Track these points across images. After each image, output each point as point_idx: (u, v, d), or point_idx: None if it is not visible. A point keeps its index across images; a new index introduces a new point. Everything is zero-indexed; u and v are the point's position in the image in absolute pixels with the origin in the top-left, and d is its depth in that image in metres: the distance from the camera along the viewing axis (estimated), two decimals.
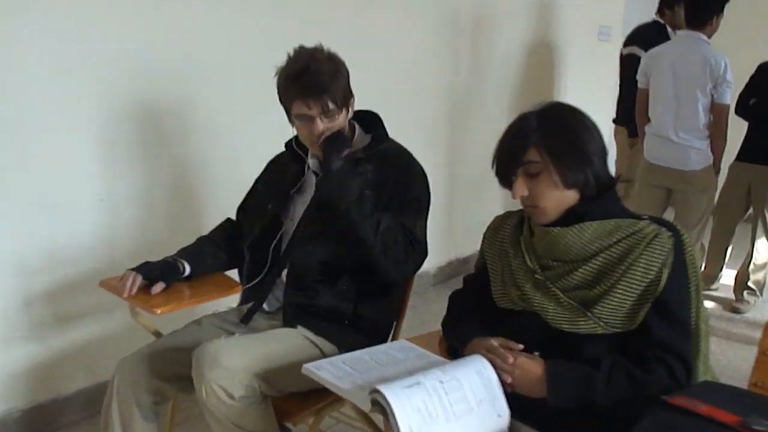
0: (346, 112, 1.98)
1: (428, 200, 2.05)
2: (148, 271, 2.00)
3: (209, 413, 1.76)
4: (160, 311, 1.90)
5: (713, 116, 3.60)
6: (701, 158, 3.68)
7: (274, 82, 2.01)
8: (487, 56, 4.44)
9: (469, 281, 1.95)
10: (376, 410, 1.42)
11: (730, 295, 4.38)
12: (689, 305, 1.61)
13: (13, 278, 2.52)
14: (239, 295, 2.16)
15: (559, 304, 1.63)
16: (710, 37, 3.67)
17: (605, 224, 1.63)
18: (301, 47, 1.98)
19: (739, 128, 4.02)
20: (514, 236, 1.79)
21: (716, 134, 3.65)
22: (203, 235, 2.23)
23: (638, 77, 3.83)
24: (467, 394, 1.50)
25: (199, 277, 2.09)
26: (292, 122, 2.02)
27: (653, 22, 4.44)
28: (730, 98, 3.52)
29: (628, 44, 4.54)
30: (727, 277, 4.46)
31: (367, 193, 1.92)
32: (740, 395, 1.46)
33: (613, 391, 1.53)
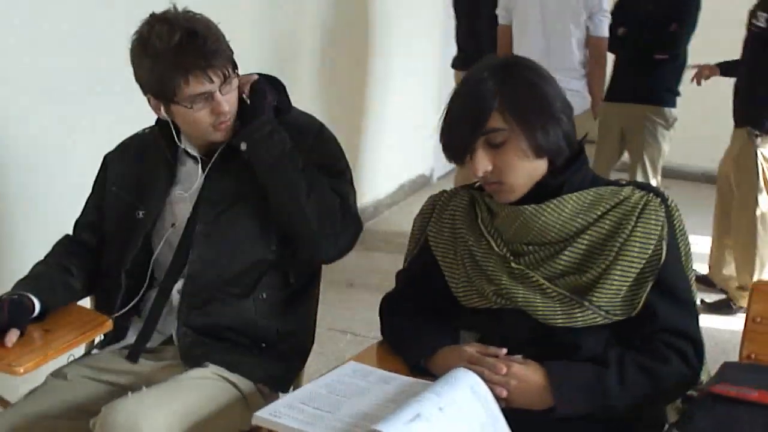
0: (236, 73, 1.80)
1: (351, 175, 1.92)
2: None
3: None
4: (23, 370, 1.59)
5: (590, 52, 3.66)
6: (578, 101, 3.68)
7: (125, 66, 1.77)
8: None
9: (406, 278, 1.82)
10: None
11: None
12: (688, 278, 1.57)
13: None
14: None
15: (546, 296, 1.53)
16: None
17: (584, 196, 1.56)
18: (156, 14, 1.75)
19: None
20: (468, 219, 1.65)
21: (594, 72, 3.69)
22: (41, 260, 1.92)
23: (498, 11, 3.80)
24: (470, 419, 1.39)
25: (50, 313, 1.78)
26: (168, 113, 1.79)
27: None
28: (607, 30, 3.54)
29: None
30: None
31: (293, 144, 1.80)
32: None
33: (628, 389, 1.49)
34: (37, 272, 1.85)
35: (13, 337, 1.64)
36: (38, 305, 1.73)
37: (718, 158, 4.11)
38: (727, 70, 4.08)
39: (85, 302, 1.94)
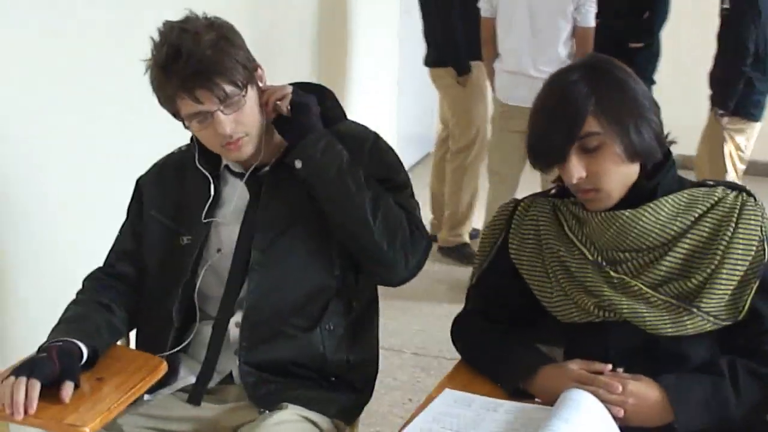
0: (256, 89, 1.66)
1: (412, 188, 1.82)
2: (41, 370, 1.47)
3: None
4: (89, 430, 1.43)
5: (576, 43, 3.62)
6: None
7: (145, 80, 1.66)
8: None
9: (480, 294, 1.73)
10: None
11: None
12: None
13: None
14: None
15: (651, 305, 1.48)
16: None
17: (678, 198, 1.52)
18: (166, 23, 1.63)
19: None
20: (554, 228, 1.56)
21: None
22: (75, 300, 1.77)
23: (480, 4, 3.74)
24: None
25: (98, 359, 1.63)
26: (186, 126, 1.68)
27: None
28: (594, 19, 3.51)
29: None
30: None
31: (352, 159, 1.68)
32: None
33: (743, 398, 1.45)
34: (75, 314, 1.68)
35: (69, 390, 1.47)
36: (86, 351, 1.58)
37: (695, 145, 4.17)
38: None
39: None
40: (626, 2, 4.01)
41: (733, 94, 3.83)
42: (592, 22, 3.53)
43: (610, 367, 1.47)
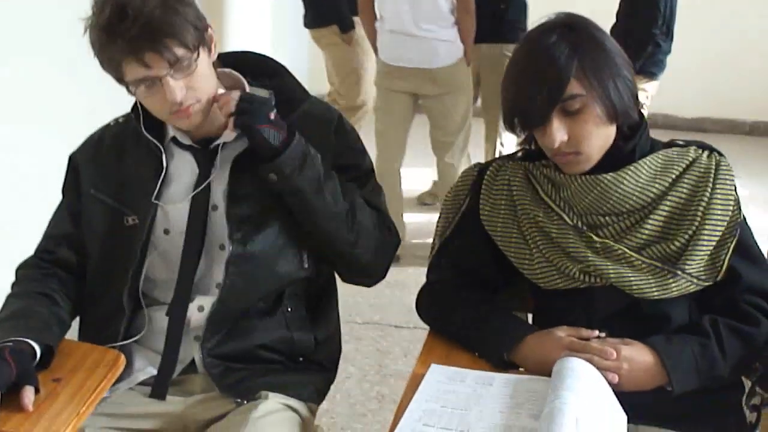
0: (207, 53, 1.54)
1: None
2: None
3: None
4: None
5: None
6: (451, 51, 3.65)
7: (86, 41, 1.50)
8: None
9: (449, 264, 1.69)
10: None
11: None
12: (752, 233, 1.56)
13: None
14: None
15: (635, 268, 1.49)
16: None
17: (655, 160, 1.54)
18: None
19: None
20: (529, 193, 1.54)
21: (464, 18, 3.63)
22: (13, 293, 1.61)
23: None
24: (606, 411, 1.33)
25: (53, 357, 1.50)
26: (130, 92, 1.53)
27: None
28: None
29: None
30: None
31: (325, 165, 1.59)
32: None
33: (728, 356, 1.48)
34: (19, 309, 1.53)
35: (31, 396, 1.34)
36: (39, 350, 1.44)
37: None
38: None
39: None
40: None
41: (641, 55, 3.95)
42: None
43: (596, 332, 1.47)
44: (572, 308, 1.54)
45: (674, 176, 1.51)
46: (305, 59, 5.55)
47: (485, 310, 1.59)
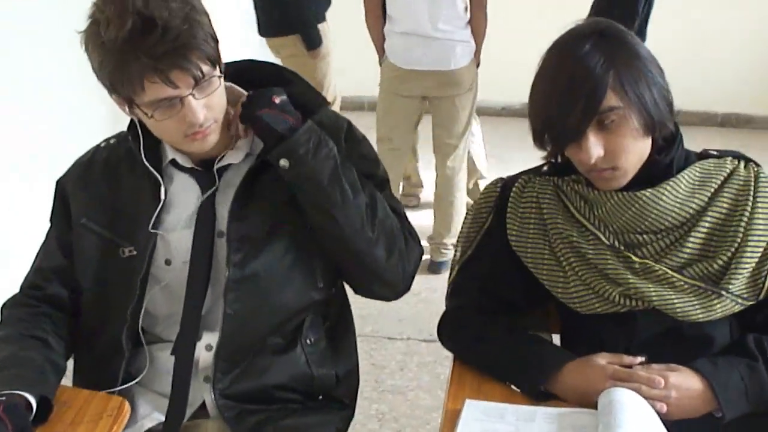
0: (220, 70, 1.41)
1: None
2: None
3: None
4: None
5: None
6: (467, 52, 3.57)
7: (82, 58, 1.38)
8: None
9: (473, 288, 1.60)
10: None
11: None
12: None
13: None
14: None
15: (677, 289, 1.42)
16: None
17: (692, 173, 1.47)
18: None
19: None
20: (560, 211, 1.46)
21: (478, 15, 3.53)
22: (0, 336, 1.48)
23: None
24: None
25: (51, 410, 1.38)
26: (141, 114, 1.40)
27: None
28: None
29: None
30: None
31: (342, 156, 1.49)
32: None
33: None
34: (8, 356, 1.40)
35: None
36: (34, 402, 1.33)
37: None
38: None
39: None
40: None
41: None
42: None
43: (639, 359, 1.40)
44: (610, 333, 1.46)
45: (713, 190, 1.44)
46: None
47: (517, 337, 1.51)
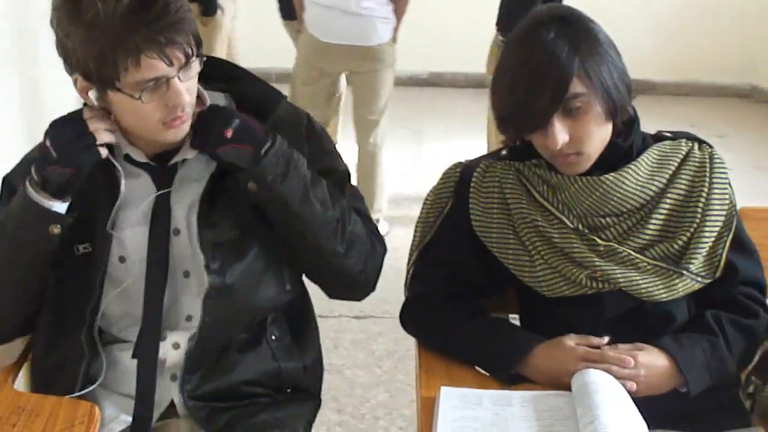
0: (198, 52, 1.39)
1: None
2: None
3: None
4: None
5: None
6: (388, 28, 3.60)
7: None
8: None
9: (435, 271, 1.61)
10: None
11: None
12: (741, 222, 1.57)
13: None
14: None
15: (640, 270, 1.47)
16: None
17: (650, 155, 1.52)
18: None
19: None
20: (524, 196, 1.49)
21: None
22: None
23: None
24: (637, 424, 1.30)
25: None
26: (102, 100, 1.36)
27: None
28: None
29: None
30: None
31: (311, 169, 1.47)
32: None
33: (734, 351, 1.49)
34: None
35: None
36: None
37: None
38: None
39: None
40: None
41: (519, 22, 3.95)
42: None
43: (606, 339, 1.45)
44: (576, 314, 1.50)
45: (671, 172, 1.49)
46: None
47: (484, 322, 1.54)
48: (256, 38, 5.19)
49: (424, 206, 1.64)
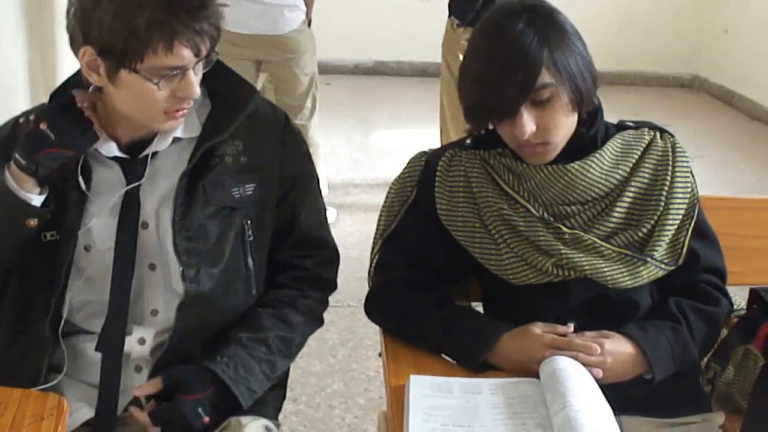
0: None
1: None
2: None
3: None
4: None
5: None
6: (296, 15, 3.62)
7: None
8: None
9: (400, 259, 1.62)
10: None
11: None
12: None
13: None
14: None
15: (605, 258, 1.50)
16: None
17: (614, 144, 1.55)
18: None
19: None
20: (490, 185, 1.51)
21: None
22: None
23: None
24: (607, 410, 1.32)
25: None
26: (111, 80, 1.36)
27: None
28: None
29: None
30: None
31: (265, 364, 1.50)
32: None
33: (696, 337, 1.53)
34: None
35: None
36: None
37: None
38: None
39: None
40: None
41: (472, 8, 3.98)
42: None
43: (571, 327, 1.47)
44: (542, 302, 1.52)
45: (634, 160, 1.52)
46: None
47: (450, 311, 1.55)
48: None
49: (388, 195, 1.65)
